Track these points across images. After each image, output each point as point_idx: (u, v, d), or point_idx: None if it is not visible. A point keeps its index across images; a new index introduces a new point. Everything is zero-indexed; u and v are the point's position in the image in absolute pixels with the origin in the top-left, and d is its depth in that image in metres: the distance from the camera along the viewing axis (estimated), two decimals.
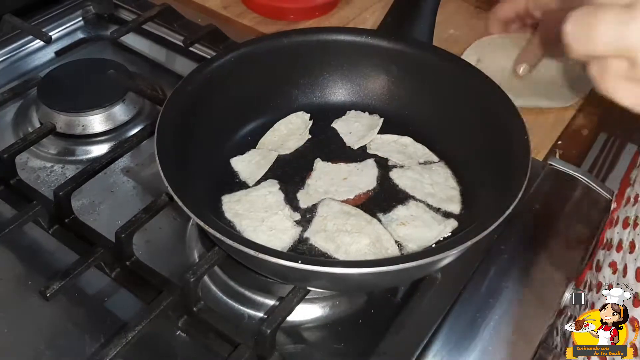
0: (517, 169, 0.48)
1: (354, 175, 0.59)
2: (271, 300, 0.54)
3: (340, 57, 0.63)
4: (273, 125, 0.63)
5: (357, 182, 0.58)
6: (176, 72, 0.81)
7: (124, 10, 0.88)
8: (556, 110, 0.76)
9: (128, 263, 0.54)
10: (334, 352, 0.53)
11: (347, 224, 0.54)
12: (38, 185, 0.64)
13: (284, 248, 0.53)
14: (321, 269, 0.42)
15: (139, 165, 0.69)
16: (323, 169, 0.59)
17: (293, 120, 0.63)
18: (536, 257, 0.58)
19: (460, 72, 0.58)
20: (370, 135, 0.62)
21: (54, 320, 0.55)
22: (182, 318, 0.51)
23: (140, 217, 0.54)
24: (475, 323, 0.52)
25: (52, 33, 0.83)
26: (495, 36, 0.78)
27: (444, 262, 0.45)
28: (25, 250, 0.60)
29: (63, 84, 0.73)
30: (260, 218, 0.55)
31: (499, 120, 0.53)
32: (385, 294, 0.55)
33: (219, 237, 0.43)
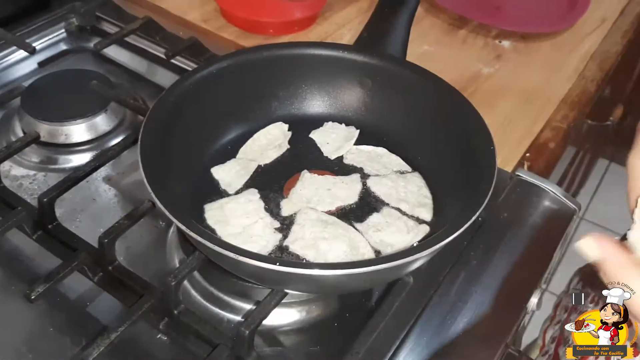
0: (483, 178, 0.50)
1: (337, 188, 0.61)
2: (249, 305, 0.56)
3: (318, 70, 0.65)
4: (253, 135, 0.65)
5: (339, 194, 0.60)
6: (157, 83, 0.83)
7: (106, 23, 0.89)
8: (525, 123, 0.80)
9: (110, 268, 0.55)
10: (310, 353, 0.55)
11: (324, 232, 0.56)
12: (21, 193, 0.65)
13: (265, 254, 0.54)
14: (298, 270, 0.44)
15: (120, 174, 0.70)
16: (309, 180, 0.61)
17: (272, 131, 0.65)
18: (503, 263, 0.61)
19: (431, 86, 0.60)
20: (346, 146, 0.64)
21: (36, 324, 0.56)
22: (163, 320, 0.52)
23: (123, 223, 0.56)
24: (445, 325, 0.55)
25: (35, 44, 0.83)
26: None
27: (413, 265, 0.47)
28: (6, 256, 0.61)
29: (46, 94, 0.74)
30: (241, 225, 0.56)
31: (467, 131, 0.56)
32: (359, 298, 0.57)
33: (200, 240, 0.45)
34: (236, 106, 0.64)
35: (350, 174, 0.62)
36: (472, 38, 0.95)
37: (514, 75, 0.88)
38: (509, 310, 0.58)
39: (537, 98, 0.83)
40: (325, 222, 0.57)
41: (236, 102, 0.64)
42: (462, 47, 0.93)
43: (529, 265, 0.62)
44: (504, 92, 0.85)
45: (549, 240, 0.65)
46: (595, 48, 0.95)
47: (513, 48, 0.93)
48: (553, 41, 0.95)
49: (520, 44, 0.94)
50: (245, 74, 0.63)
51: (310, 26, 0.94)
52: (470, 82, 0.86)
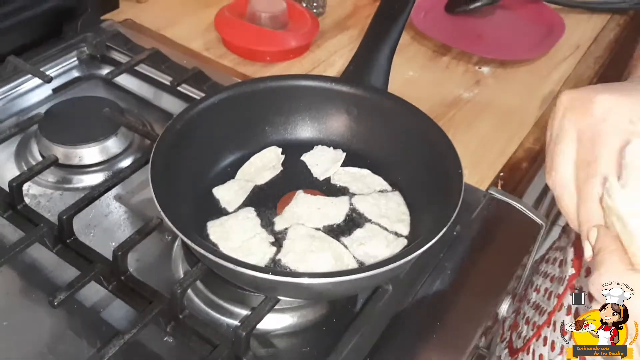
0: (452, 198, 0.57)
1: (327, 208, 0.66)
2: (246, 310, 0.62)
3: (308, 100, 0.71)
4: (250, 158, 0.71)
5: (327, 214, 0.65)
6: (163, 108, 0.89)
7: (115, 52, 0.95)
8: (500, 145, 0.86)
9: (123, 277, 0.62)
10: (301, 354, 0.61)
11: (312, 245, 0.62)
12: (40, 210, 0.70)
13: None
14: (288, 279, 0.50)
15: (130, 193, 0.76)
16: (302, 199, 0.66)
17: (267, 154, 0.71)
18: (475, 273, 0.68)
19: (408, 114, 0.67)
20: (334, 168, 0.70)
21: (55, 329, 0.61)
22: (169, 324, 0.58)
23: (134, 237, 0.62)
24: (420, 327, 0.61)
25: (49, 72, 0.89)
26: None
27: (390, 274, 0.54)
28: (27, 267, 0.66)
29: (62, 120, 0.80)
30: (240, 240, 0.62)
31: (439, 155, 0.62)
32: (345, 304, 0.64)
33: (202, 252, 0.51)
34: (235, 132, 0.70)
35: (337, 193, 0.68)
36: (454, 65, 1.02)
37: (491, 99, 0.95)
38: (479, 314, 0.65)
39: (513, 121, 0.90)
40: (312, 237, 0.62)
41: (235, 129, 0.70)
42: (445, 73, 1.00)
43: (497, 275, 0.68)
44: (482, 115, 0.91)
45: (517, 251, 0.71)
46: (569, 73, 1.02)
47: (492, 74, 1.00)
48: (529, 67, 1.02)
49: (498, 70, 1.01)
50: (242, 104, 0.69)
51: (304, 53, 1.01)
52: (451, 106, 0.93)
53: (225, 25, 1.00)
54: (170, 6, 1.10)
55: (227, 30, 0.99)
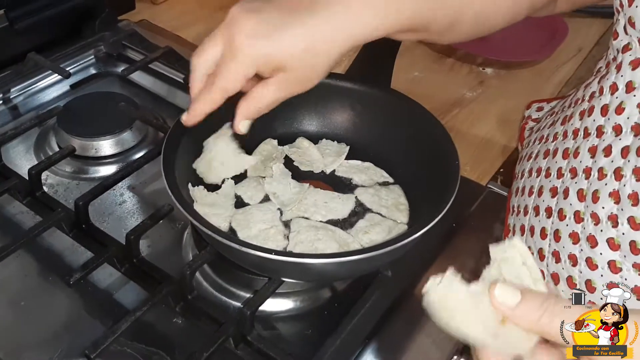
0: (449, 187, 0.59)
1: (334, 203, 0.68)
2: (250, 294, 0.65)
3: (314, 95, 0.72)
4: (253, 150, 0.73)
5: (333, 209, 0.67)
6: (176, 104, 0.92)
7: (130, 50, 0.99)
8: (501, 142, 0.89)
9: (135, 260, 0.65)
10: (303, 336, 0.64)
11: (318, 235, 0.64)
12: (57, 198, 0.74)
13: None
14: (290, 259, 0.53)
15: (142, 183, 0.79)
16: (310, 192, 0.69)
17: (265, 148, 0.73)
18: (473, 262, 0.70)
19: (410, 110, 0.69)
20: (338, 161, 0.73)
21: (70, 310, 0.65)
22: (179, 304, 0.62)
23: (146, 222, 0.66)
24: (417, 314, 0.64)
25: (68, 68, 0.93)
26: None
27: (387, 257, 0.57)
28: (45, 252, 0.70)
29: (79, 113, 0.84)
30: (258, 229, 0.64)
31: (438, 148, 0.65)
32: (346, 290, 0.67)
33: (209, 233, 0.54)
34: None
35: (341, 184, 0.71)
36: (459, 66, 1.05)
37: (494, 99, 0.98)
38: None
39: (514, 120, 0.92)
40: (315, 227, 0.64)
41: None
42: (449, 74, 1.03)
43: None
44: (485, 115, 0.94)
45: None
46: (571, 75, 1.05)
47: (495, 75, 1.03)
48: (532, 69, 1.05)
49: (502, 71, 1.04)
50: None
51: None
52: (455, 105, 0.96)
53: None
54: (185, 8, 1.14)
55: None
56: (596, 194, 0.56)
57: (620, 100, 0.56)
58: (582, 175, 0.58)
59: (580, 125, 0.60)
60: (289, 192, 0.69)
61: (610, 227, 0.55)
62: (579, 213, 0.58)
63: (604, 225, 0.55)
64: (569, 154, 0.61)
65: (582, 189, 0.58)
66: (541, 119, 0.79)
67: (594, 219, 0.56)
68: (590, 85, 0.62)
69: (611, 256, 0.55)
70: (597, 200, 0.56)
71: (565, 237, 0.59)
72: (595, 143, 0.58)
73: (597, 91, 0.59)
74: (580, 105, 0.62)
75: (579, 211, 0.58)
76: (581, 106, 0.61)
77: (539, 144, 0.68)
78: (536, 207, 0.63)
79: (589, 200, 0.57)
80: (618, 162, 0.54)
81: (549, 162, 0.64)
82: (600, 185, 0.56)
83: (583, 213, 0.57)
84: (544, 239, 0.61)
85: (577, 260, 0.58)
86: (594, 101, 0.59)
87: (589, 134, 0.59)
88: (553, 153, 0.63)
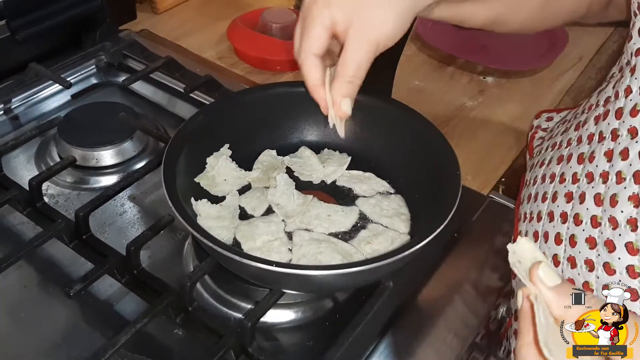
0: (450, 198, 0.59)
1: (337, 216, 0.67)
2: (251, 305, 0.65)
3: (316, 105, 0.75)
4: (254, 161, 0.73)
5: (336, 222, 0.67)
6: (177, 114, 0.92)
7: (131, 60, 0.99)
8: (502, 152, 0.89)
9: (136, 272, 0.65)
10: (304, 347, 0.63)
11: (320, 248, 0.63)
12: (57, 209, 0.73)
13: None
14: (290, 271, 0.53)
15: (143, 193, 0.79)
16: (314, 204, 0.69)
17: (264, 159, 0.73)
18: (475, 272, 0.70)
19: (411, 120, 0.69)
20: (340, 171, 0.73)
21: (70, 321, 0.64)
22: (179, 315, 0.61)
23: (147, 233, 0.65)
24: (419, 324, 0.64)
25: (69, 78, 0.93)
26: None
27: (387, 268, 0.56)
28: (45, 263, 0.69)
29: (80, 123, 0.84)
30: (263, 241, 0.64)
31: (439, 159, 0.64)
32: (347, 300, 0.66)
33: (210, 245, 0.54)
34: (243, 136, 0.73)
35: (343, 194, 0.71)
36: (459, 74, 1.05)
37: (495, 108, 0.97)
38: (476, 313, 0.67)
39: (515, 129, 0.92)
40: (317, 240, 0.64)
41: (244, 133, 0.73)
42: (450, 83, 1.03)
43: (497, 275, 0.71)
44: (485, 124, 0.94)
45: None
46: (572, 84, 1.04)
47: (496, 83, 1.03)
48: (532, 77, 1.05)
49: (502, 80, 1.04)
50: (253, 109, 0.72)
51: None
52: (455, 114, 0.96)
53: (237, 35, 1.04)
54: (185, 18, 1.15)
55: (239, 40, 1.03)
56: (614, 197, 0.55)
57: (634, 102, 0.55)
58: (599, 179, 0.57)
59: (595, 129, 0.60)
60: (292, 203, 0.68)
61: (629, 230, 0.53)
62: (596, 217, 0.57)
63: (622, 229, 0.54)
64: (584, 159, 0.60)
65: (600, 193, 0.57)
66: (551, 128, 0.79)
67: (612, 223, 0.55)
68: (604, 90, 0.61)
69: (630, 261, 0.54)
70: (615, 204, 0.55)
71: (581, 242, 0.58)
72: (611, 147, 0.57)
73: (612, 96, 0.59)
74: (595, 110, 0.61)
75: (596, 215, 0.57)
76: (596, 111, 0.61)
77: (552, 150, 0.68)
78: (550, 213, 0.62)
79: (606, 205, 0.56)
80: (636, 165, 0.54)
81: (563, 167, 0.63)
82: (619, 189, 0.55)
83: (600, 217, 0.56)
84: (558, 245, 0.60)
85: (594, 266, 0.57)
86: (609, 105, 0.59)
87: (603, 138, 0.58)
88: (567, 158, 0.63)
